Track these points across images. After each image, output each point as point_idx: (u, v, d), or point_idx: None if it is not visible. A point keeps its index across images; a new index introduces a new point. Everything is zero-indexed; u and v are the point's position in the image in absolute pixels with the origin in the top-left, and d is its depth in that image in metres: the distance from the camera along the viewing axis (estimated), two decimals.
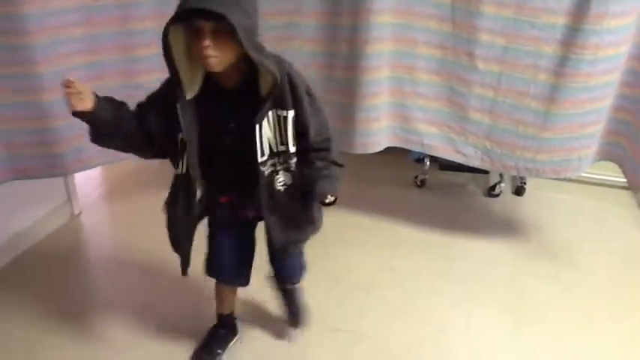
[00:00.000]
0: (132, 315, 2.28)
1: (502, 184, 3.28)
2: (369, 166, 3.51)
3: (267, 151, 1.62)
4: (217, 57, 1.45)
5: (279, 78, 1.51)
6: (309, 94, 1.65)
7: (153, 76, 2.36)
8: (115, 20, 2.27)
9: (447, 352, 2.14)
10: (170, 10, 1.42)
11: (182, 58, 1.51)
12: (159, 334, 2.19)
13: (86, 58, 2.26)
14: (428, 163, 3.35)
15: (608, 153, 2.50)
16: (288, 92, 1.57)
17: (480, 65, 2.32)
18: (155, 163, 1.83)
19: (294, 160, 1.68)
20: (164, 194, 1.75)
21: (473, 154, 2.49)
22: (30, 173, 2.31)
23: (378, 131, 2.51)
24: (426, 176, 3.38)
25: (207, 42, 1.41)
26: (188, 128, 1.59)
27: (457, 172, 3.43)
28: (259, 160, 1.61)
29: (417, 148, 2.57)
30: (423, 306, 2.37)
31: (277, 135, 1.62)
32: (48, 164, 2.31)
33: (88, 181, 3.29)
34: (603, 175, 3.30)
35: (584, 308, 2.40)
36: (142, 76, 2.38)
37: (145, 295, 2.40)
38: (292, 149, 1.65)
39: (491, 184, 3.31)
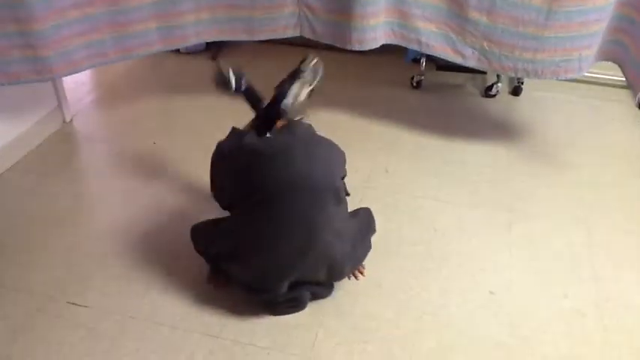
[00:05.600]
0: (125, 222, 2.31)
1: (499, 85, 3.23)
2: (365, 66, 3.45)
3: None
4: None
5: None
6: None
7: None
8: None
9: (441, 250, 2.20)
10: None
11: None
12: (154, 243, 2.22)
13: None
14: (424, 63, 3.27)
15: (609, 52, 2.43)
16: None
17: None
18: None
19: None
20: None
21: (470, 54, 2.43)
22: (15, 78, 2.26)
23: (374, 27, 2.43)
24: (423, 77, 3.32)
25: None
26: None
27: (454, 73, 3.36)
28: None
29: (414, 47, 2.50)
30: (416, 206, 2.41)
31: None
32: (34, 69, 2.26)
33: (79, 87, 3.23)
34: (602, 74, 3.25)
35: (580, 205, 2.43)
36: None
37: (137, 201, 2.42)
38: None
39: (489, 84, 3.26)
